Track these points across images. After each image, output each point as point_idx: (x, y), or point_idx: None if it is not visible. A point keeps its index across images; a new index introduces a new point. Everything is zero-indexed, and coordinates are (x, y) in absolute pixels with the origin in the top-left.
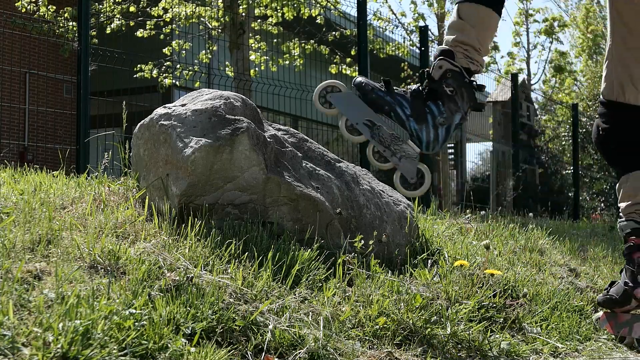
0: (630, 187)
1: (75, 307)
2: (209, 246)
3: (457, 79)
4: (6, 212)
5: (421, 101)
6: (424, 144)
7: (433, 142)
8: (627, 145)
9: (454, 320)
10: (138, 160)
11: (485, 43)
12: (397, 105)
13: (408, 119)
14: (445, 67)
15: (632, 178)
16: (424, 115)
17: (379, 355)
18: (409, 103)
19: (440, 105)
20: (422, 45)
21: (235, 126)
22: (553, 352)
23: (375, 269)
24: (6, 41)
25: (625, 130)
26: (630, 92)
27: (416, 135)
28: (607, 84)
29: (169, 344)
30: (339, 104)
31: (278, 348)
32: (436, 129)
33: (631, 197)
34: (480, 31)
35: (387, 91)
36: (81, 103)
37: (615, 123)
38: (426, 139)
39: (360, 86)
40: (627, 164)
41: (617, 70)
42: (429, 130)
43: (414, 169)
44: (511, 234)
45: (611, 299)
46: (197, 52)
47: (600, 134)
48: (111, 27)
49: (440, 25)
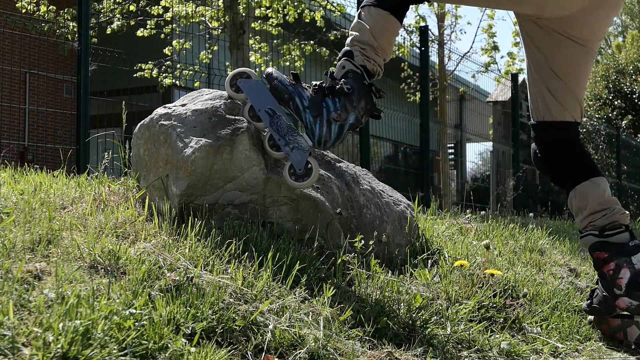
0: (579, 201)
1: (76, 307)
2: (209, 246)
3: (357, 80)
4: (6, 212)
5: (320, 96)
6: (317, 138)
7: (325, 137)
8: (563, 163)
9: (454, 320)
10: (138, 160)
11: (382, 43)
12: (297, 96)
13: (305, 110)
14: (348, 68)
15: (578, 192)
16: (320, 108)
17: (379, 355)
18: (309, 96)
19: (337, 102)
20: (422, 45)
21: (235, 126)
22: (553, 352)
23: (376, 269)
24: (6, 41)
25: (559, 148)
26: (554, 108)
27: (310, 128)
28: (532, 105)
29: (169, 344)
30: (246, 90)
31: (278, 348)
32: (329, 124)
33: (582, 210)
34: (377, 31)
35: (293, 84)
36: (81, 103)
37: (547, 143)
38: (319, 133)
39: (269, 75)
40: (569, 181)
41: (539, 91)
42: (322, 125)
43: (303, 160)
44: (511, 234)
45: (596, 309)
46: (197, 52)
47: (538, 156)
48: (111, 27)
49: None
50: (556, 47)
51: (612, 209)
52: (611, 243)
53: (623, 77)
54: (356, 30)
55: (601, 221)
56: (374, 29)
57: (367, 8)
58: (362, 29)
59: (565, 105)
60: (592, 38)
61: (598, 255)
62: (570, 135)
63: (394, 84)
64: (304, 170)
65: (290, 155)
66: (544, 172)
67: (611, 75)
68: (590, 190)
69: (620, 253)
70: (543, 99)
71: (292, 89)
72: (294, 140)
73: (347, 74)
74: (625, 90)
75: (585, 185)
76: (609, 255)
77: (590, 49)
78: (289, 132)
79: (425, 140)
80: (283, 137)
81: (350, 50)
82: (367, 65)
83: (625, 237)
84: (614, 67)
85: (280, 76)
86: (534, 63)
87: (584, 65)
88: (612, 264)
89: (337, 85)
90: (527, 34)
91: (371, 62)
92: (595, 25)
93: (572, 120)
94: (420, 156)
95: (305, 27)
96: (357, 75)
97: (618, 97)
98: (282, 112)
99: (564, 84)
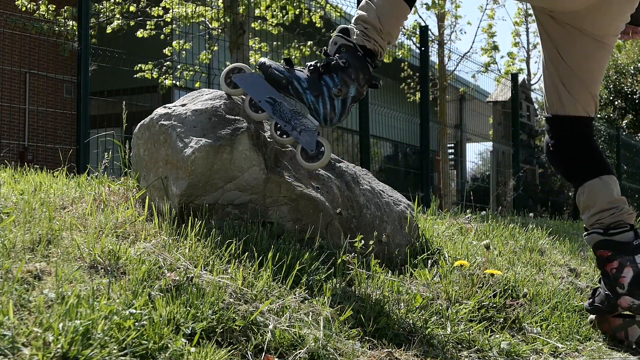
0: (587, 199)
1: (76, 307)
2: (209, 246)
3: (350, 52)
4: (6, 212)
5: (317, 75)
6: (322, 116)
7: (330, 114)
8: (575, 158)
9: (454, 320)
10: (138, 160)
11: (387, 26)
12: (294, 79)
13: (305, 92)
14: (340, 43)
15: (587, 189)
16: (319, 87)
17: (379, 355)
18: (306, 77)
19: (335, 77)
20: (422, 45)
21: (235, 126)
22: (553, 352)
23: (376, 269)
24: (6, 41)
25: (571, 143)
26: (567, 103)
27: (313, 108)
28: (547, 98)
29: (169, 344)
30: (242, 84)
31: (278, 348)
32: (332, 100)
33: (590, 208)
34: (383, 13)
35: (288, 69)
36: (81, 103)
37: (560, 137)
38: (323, 111)
39: (263, 65)
40: (579, 176)
41: (553, 84)
42: (325, 102)
43: (313, 141)
44: (511, 234)
45: (598, 308)
46: (198, 53)
47: (550, 150)
48: (111, 27)
49: (440, 25)
50: (571, 40)
51: (620, 208)
52: (615, 241)
53: (623, 77)
54: (363, 10)
55: (608, 219)
56: (380, 10)
57: None
58: (369, 9)
59: (579, 100)
60: (607, 33)
61: (601, 254)
62: (583, 129)
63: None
64: (315, 150)
65: (299, 138)
66: (556, 167)
67: (612, 75)
68: (600, 188)
69: (624, 252)
70: (557, 93)
71: (288, 74)
72: (300, 123)
73: (340, 49)
74: (626, 90)
75: (595, 182)
76: (612, 253)
77: (606, 44)
78: (294, 117)
79: (425, 140)
80: (288, 122)
81: (346, 27)
82: (367, 45)
83: (630, 236)
84: (614, 67)
85: (273, 64)
86: (549, 56)
87: (600, 60)
88: (616, 262)
89: (332, 62)
90: (543, 26)
91: (372, 41)
92: (609, 21)
93: (585, 115)
94: (420, 156)
95: (306, 27)
96: (349, 48)
97: (618, 97)
98: (283, 98)
99: (579, 79)
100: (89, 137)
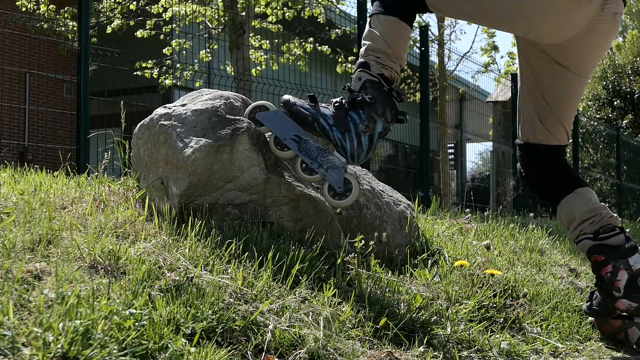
0: (567, 214)
1: (76, 307)
2: (209, 246)
3: (376, 88)
4: (6, 212)
5: (343, 111)
6: (349, 153)
7: (357, 151)
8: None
9: (454, 320)
10: (138, 160)
11: (396, 48)
12: (320, 116)
13: (331, 129)
14: (365, 78)
15: (565, 205)
16: (346, 124)
17: (379, 355)
18: (332, 114)
19: (362, 114)
20: (422, 45)
21: (236, 126)
22: (553, 352)
23: (376, 269)
24: (6, 41)
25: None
26: (541, 135)
27: (340, 145)
28: (520, 125)
29: (169, 344)
30: (267, 122)
31: (278, 348)
32: (359, 137)
33: (572, 222)
34: (389, 38)
35: (312, 105)
36: (81, 103)
37: (533, 163)
38: (350, 148)
39: (287, 102)
40: (555, 194)
41: (528, 116)
42: (352, 139)
43: (340, 178)
44: (511, 234)
45: (596, 311)
46: (197, 52)
47: (524, 176)
48: (111, 27)
49: (440, 25)
50: (552, 77)
51: (599, 214)
52: (607, 245)
53: (622, 78)
54: (369, 40)
55: (590, 228)
56: (385, 35)
57: (376, 16)
58: (374, 37)
59: (552, 132)
60: (587, 66)
61: (595, 259)
62: (554, 154)
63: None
64: (343, 187)
65: (326, 176)
66: (531, 190)
67: (610, 76)
68: (576, 201)
69: (617, 255)
70: (532, 125)
71: (314, 111)
72: (326, 160)
73: (365, 84)
74: (625, 90)
75: (570, 197)
76: (605, 258)
77: (583, 78)
78: (320, 154)
79: (425, 140)
80: (315, 159)
81: (365, 61)
82: (385, 73)
83: (621, 239)
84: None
85: (298, 100)
86: (528, 89)
87: (578, 94)
88: (610, 266)
89: (358, 98)
90: (527, 60)
91: (387, 69)
92: (590, 54)
93: (557, 144)
94: (420, 156)
95: (306, 25)
96: (375, 83)
97: (617, 97)
98: (308, 135)
99: (555, 115)
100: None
